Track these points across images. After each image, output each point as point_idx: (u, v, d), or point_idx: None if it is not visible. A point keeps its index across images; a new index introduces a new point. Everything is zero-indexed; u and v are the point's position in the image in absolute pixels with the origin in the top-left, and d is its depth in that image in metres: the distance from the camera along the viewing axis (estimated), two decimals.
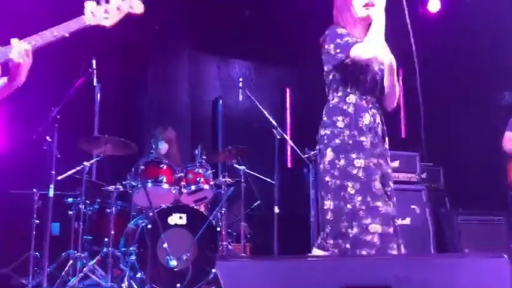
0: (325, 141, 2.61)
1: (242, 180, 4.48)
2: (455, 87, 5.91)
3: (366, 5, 2.61)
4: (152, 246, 3.78)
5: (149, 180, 4.14)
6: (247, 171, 4.54)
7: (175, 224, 3.98)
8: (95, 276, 3.95)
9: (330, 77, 2.71)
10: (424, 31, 5.55)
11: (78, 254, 4.04)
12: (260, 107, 4.53)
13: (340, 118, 2.60)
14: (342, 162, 2.55)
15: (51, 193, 3.72)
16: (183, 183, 4.27)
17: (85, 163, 4.14)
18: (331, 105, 2.67)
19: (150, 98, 6.21)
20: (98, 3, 2.09)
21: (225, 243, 4.27)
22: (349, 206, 2.50)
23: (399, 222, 4.07)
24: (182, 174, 4.30)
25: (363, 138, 2.57)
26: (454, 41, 5.89)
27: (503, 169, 4.58)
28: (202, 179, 4.28)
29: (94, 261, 3.97)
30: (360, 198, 2.51)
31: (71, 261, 4.01)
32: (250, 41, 6.30)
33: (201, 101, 6.76)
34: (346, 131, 2.58)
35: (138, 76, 6.12)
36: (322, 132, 2.65)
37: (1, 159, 4.41)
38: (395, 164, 4.37)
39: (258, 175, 4.72)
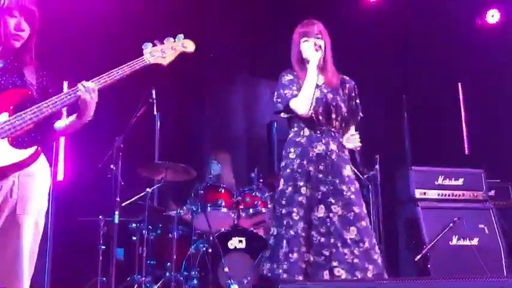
0: (281, 172, 2.77)
1: None
2: None
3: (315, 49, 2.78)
4: (213, 271, 3.82)
5: (208, 205, 4.21)
6: None
7: (235, 248, 4.02)
8: None
9: (284, 116, 2.86)
10: (483, 44, 5.36)
11: (143, 278, 4.15)
12: None
13: (292, 150, 2.75)
14: (290, 189, 2.68)
15: (116, 219, 3.84)
16: (241, 206, 4.32)
17: (147, 189, 4.27)
18: (288, 139, 2.83)
19: (207, 124, 6.33)
20: (154, 45, 2.30)
21: None
22: (291, 232, 2.60)
23: (466, 243, 3.93)
24: (240, 198, 4.34)
25: (311, 168, 2.68)
26: None
27: None
28: (259, 202, 4.32)
29: (157, 285, 4.05)
30: (302, 225, 2.60)
31: (135, 286, 4.11)
32: None
33: (256, 124, 6.80)
34: (296, 161, 2.70)
35: (195, 102, 6.27)
36: (281, 164, 2.81)
37: (69, 188, 4.64)
38: (459, 182, 4.19)
39: None
